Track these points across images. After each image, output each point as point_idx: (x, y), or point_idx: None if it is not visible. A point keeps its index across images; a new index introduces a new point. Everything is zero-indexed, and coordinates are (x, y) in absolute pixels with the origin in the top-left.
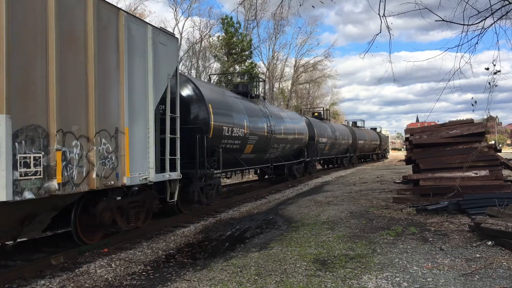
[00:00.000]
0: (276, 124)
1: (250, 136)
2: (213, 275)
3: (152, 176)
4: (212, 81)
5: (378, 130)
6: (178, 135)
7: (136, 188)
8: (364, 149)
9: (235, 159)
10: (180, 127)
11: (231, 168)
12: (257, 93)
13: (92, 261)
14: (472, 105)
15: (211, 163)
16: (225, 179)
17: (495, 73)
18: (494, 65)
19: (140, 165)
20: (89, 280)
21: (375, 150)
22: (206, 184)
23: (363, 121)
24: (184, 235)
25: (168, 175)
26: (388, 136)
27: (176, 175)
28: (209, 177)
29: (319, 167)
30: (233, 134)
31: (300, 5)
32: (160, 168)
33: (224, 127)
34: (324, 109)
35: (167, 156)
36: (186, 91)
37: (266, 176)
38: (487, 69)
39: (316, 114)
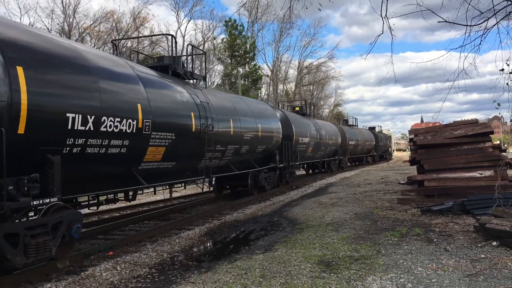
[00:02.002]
0: (219, 116)
1: (153, 133)
2: (218, 277)
3: None
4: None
5: (377, 129)
6: None
7: None
8: (356, 151)
9: (122, 172)
10: None
11: (106, 188)
12: (191, 69)
13: (98, 264)
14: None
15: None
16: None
17: (510, 73)
18: (508, 64)
19: None
20: (94, 283)
21: (370, 152)
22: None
23: (356, 118)
24: (189, 237)
25: None
26: (390, 136)
27: None
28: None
29: (302, 172)
30: (102, 130)
31: (306, 8)
32: None
33: (69, 116)
34: (307, 102)
35: None
36: None
37: (228, 190)
38: (502, 70)
39: (297, 108)
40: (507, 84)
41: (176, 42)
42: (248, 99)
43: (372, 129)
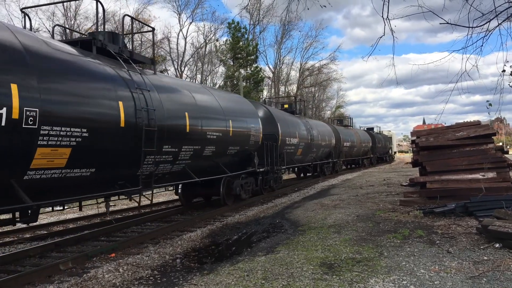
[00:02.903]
0: (169, 108)
1: (44, 127)
2: (220, 279)
3: None
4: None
5: (376, 130)
6: None
7: None
8: (352, 153)
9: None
10: None
11: None
12: (120, 46)
13: (100, 266)
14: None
15: None
16: None
17: (511, 74)
18: (511, 66)
19: None
20: (97, 285)
21: (366, 154)
22: None
23: (351, 118)
24: (191, 239)
25: None
26: (391, 137)
27: None
28: None
29: (291, 176)
30: None
31: (308, 8)
32: None
33: None
34: (298, 99)
35: None
36: None
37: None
38: (504, 71)
39: (286, 106)
40: (509, 85)
41: (104, 10)
42: (220, 91)
43: (370, 129)
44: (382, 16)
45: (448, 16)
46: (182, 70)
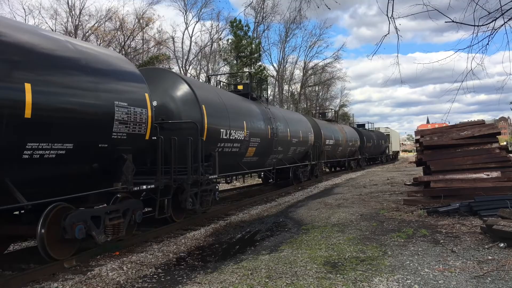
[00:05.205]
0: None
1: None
2: (223, 277)
3: None
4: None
5: (371, 127)
6: None
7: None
8: (336, 154)
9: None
10: None
11: None
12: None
13: (104, 264)
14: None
15: None
16: None
17: None
18: None
19: None
20: (101, 283)
21: (354, 155)
22: None
23: (336, 111)
24: (195, 238)
25: None
26: (388, 135)
27: None
28: None
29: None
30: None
31: (318, 7)
32: None
33: None
34: (254, 76)
35: None
36: None
37: None
38: None
39: (240, 87)
40: None
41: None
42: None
43: (360, 126)
44: (387, 15)
45: (454, 15)
46: (187, 69)
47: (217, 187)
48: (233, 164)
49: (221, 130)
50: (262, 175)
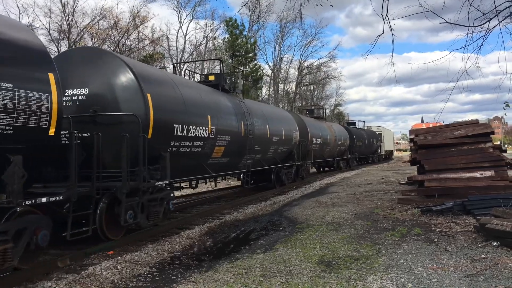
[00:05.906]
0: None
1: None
2: (218, 276)
3: None
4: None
5: (362, 126)
6: None
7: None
8: (324, 153)
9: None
10: None
11: None
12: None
13: (98, 263)
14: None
15: None
16: None
17: None
18: None
19: None
20: (95, 282)
21: (343, 155)
22: None
23: (324, 109)
24: (189, 237)
25: None
26: (380, 134)
27: None
28: None
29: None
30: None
31: (317, 5)
32: None
33: None
34: (225, 63)
35: None
36: None
37: None
38: None
39: (212, 77)
40: None
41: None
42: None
43: (350, 124)
44: (382, 15)
45: (449, 15)
46: (181, 67)
47: (172, 195)
48: (195, 166)
49: (175, 125)
50: (241, 177)
